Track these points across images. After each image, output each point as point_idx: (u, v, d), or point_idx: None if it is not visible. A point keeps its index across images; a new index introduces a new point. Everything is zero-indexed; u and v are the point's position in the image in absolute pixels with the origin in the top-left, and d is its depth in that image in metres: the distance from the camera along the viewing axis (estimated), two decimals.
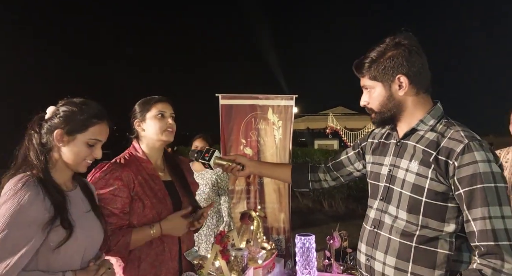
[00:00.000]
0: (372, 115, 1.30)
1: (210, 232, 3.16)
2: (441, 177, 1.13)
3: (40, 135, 1.17)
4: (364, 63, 1.25)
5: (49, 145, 1.17)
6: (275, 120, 3.76)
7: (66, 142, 1.18)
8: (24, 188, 1.06)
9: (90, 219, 1.23)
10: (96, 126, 1.21)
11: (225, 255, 1.63)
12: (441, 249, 1.15)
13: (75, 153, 1.19)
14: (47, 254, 1.10)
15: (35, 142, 1.16)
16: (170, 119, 1.63)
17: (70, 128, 1.18)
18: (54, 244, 1.10)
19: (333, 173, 1.62)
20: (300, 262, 1.79)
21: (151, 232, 1.50)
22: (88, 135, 1.20)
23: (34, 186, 1.08)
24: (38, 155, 1.15)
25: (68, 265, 1.14)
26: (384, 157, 1.33)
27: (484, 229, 1.04)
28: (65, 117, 1.18)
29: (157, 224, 1.51)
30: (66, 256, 1.13)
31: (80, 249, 1.16)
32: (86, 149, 1.20)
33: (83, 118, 1.19)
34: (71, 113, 1.19)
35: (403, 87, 1.21)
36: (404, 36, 1.21)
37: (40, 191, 1.09)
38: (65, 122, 1.18)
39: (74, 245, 1.13)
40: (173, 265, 1.58)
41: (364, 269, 1.30)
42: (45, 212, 1.08)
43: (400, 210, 1.21)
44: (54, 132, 1.17)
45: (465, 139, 1.11)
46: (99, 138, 1.22)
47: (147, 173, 1.58)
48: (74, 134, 1.18)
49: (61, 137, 1.17)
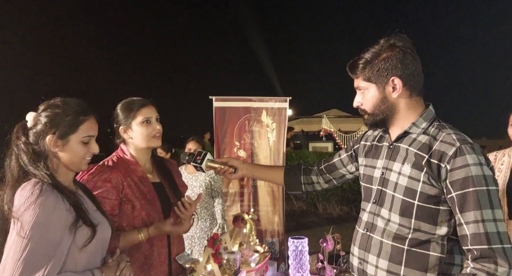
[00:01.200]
0: (364, 117, 1.30)
1: (204, 235, 3.14)
2: (433, 180, 1.13)
3: (29, 145, 1.14)
4: (359, 64, 1.24)
5: (45, 153, 1.14)
6: (269, 122, 3.76)
7: (61, 146, 1.16)
8: (43, 193, 1.05)
9: (99, 216, 1.24)
10: (85, 123, 1.19)
11: (218, 258, 1.62)
12: (433, 252, 1.14)
13: (74, 155, 1.17)
14: (74, 254, 1.11)
15: (27, 151, 1.13)
16: (157, 125, 1.61)
17: (60, 132, 1.15)
18: (81, 243, 1.11)
19: (325, 175, 1.61)
20: (293, 265, 1.78)
21: (138, 237, 1.48)
22: (80, 134, 1.18)
23: (51, 190, 1.07)
24: (35, 164, 1.12)
25: (91, 262, 1.16)
26: (376, 160, 1.32)
27: (477, 232, 1.04)
28: (51, 121, 1.15)
29: (145, 229, 1.50)
30: (90, 254, 1.14)
31: (99, 245, 1.18)
32: (82, 147, 1.19)
33: (70, 118, 1.16)
34: (56, 116, 1.16)
35: (397, 89, 1.21)
36: (399, 38, 1.21)
37: (58, 194, 1.08)
38: (53, 126, 1.15)
39: (96, 243, 1.15)
40: (162, 269, 1.57)
41: (357, 272, 1.30)
42: (68, 213, 1.08)
43: (393, 213, 1.20)
44: (46, 139, 1.14)
45: (457, 142, 1.11)
46: (91, 134, 1.21)
47: (136, 175, 1.57)
48: (66, 137, 1.16)
49: (54, 142, 1.14)
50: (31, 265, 0.99)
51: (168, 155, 3.94)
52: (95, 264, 1.17)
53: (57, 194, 1.08)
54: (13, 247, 1.01)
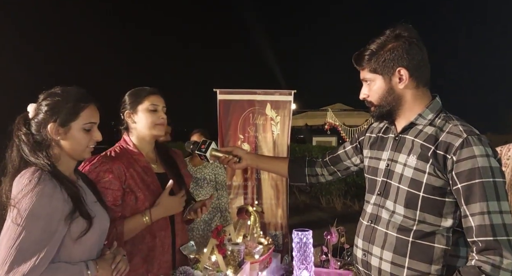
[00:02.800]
0: (371, 109, 1.29)
1: (207, 227, 3.16)
2: (439, 171, 1.12)
3: (31, 135, 1.14)
4: (364, 55, 1.23)
5: (47, 141, 1.14)
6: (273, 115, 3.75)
7: (63, 134, 1.16)
8: (40, 181, 1.05)
9: (98, 208, 1.24)
10: (86, 110, 1.19)
11: (222, 249, 1.62)
12: (438, 244, 1.14)
13: (76, 142, 1.17)
14: (69, 245, 1.11)
15: (28, 142, 1.13)
16: (162, 113, 1.61)
17: (61, 119, 1.15)
18: (76, 235, 1.11)
19: (330, 167, 1.61)
20: (297, 257, 1.78)
21: (143, 220, 1.48)
22: (82, 121, 1.17)
23: (49, 179, 1.07)
24: (36, 154, 1.12)
25: (87, 254, 1.16)
26: (382, 152, 1.32)
27: (483, 224, 1.03)
28: (52, 109, 1.15)
29: (147, 211, 1.49)
30: (86, 246, 1.14)
31: (96, 237, 1.18)
32: (84, 135, 1.18)
33: (70, 105, 1.16)
34: (56, 103, 1.16)
35: (403, 80, 1.20)
36: (404, 28, 1.20)
37: (56, 183, 1.08)
38: (53, 114, 1.15)
39: (93, 235, 1.15)
40: (166, 259, 1.57)
41: (361, 264, 1.30)
42: (65, 203, 1.08)
43: (398, 205, 1.20)
44: (47, 127, 1.14)
45: (463, 134, 1.10)
46: (93, 121, 1.20)
47: (139, 166, 1.57)
48: (68, 124, 1.16)
49: (56, 130, 1.14)
50: (23, 253, 1.00)
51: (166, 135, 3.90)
52: (90, 256, 1.17)
53: (56, 183, 1.08)
54: (8, 234, 1.02)
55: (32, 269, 1.00)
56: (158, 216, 1.52)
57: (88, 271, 1.12)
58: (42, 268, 1.02)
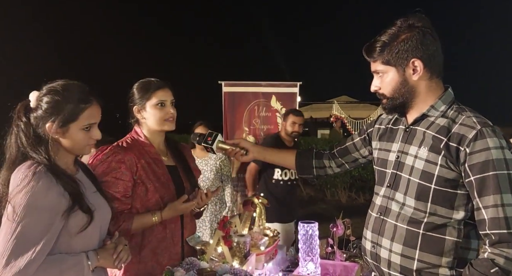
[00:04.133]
0: (383, 101, 1.26)
1: (214, 218, 3.17)
2: (451, 163, 1.10)
3: (30, 126, 1.12)
4: (376, 47, 1.20)
5: (46, 137, 1.12)
6: (279, 107, 3.73)
7: (62, 133, 1.14)
8: (36, 176, 1.04)
9: (99, 199, 1.23)
10: (86, 111, 1.15)
11: (228, 241, 1.62)
12: (449, 236, 1.13)
13: (75, 142, 1.16)
14: (68, 238, 1.11)
15: (27, 133, 1.12)
16: (171, 108, 1.58)
17: (60, 120, 1.12)
18: (76, 229, 1.11)
19: (338, 159, 1.59)
20: (303, 249, 1.78)
21: (152, 219, 1.48)
22: (81, 122, 1.15)
23: (45, 173, 1.07)
24: (35, 147, 1.11)
25: (88, 245, 1.16)
26: (391, 143, 1.30)
27: (496, 217, 1.02)
28: (51, 109, 1.12)
29: (158, 212, 1.50)
30: (86, 238, 1.15)
31: (97, 229, 1.18)
32: (83, 135, 1.16)
33: (70, 106, 1.13)
34: (55, 104, 1.12)
35: (418, 71, 1.17)
36: (417, 17, 1.17)
37: (53, 178, 1.07)
38: (52, 114, 1.12)
39: (93, 227, 1.15)
40: (175, 251, 1.57)
41: (370, 256, 1.29)
42: (62, 198, 1.07)
43: (408, 197, 1.18)
44: (46, 126, 1.12)
45: (477, 125, 1.08)
46: (92, 122, 1.18)
47: (150, 157, 1.56)
48: (66, 125, 1.13)
49: (54, 130, 1.12)
50: (19, 247, 1.01)
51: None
52: (91, 247, 1.17)
53: (52, 178, 1.07)
54: (4, 228, 1.03)
55: (29, 262, 1.01)
56: (168, 218, 1.53)
57: (89, 261, 1.12)
58: (39, 262, 1.03)
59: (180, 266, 1.39)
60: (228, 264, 1.47)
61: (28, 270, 1.01)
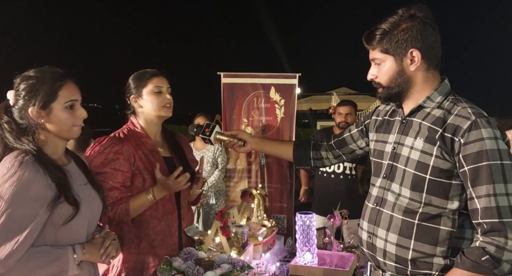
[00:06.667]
0: (379, 90, 1.26)
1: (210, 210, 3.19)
2: (446, 154, 1.11)
3: (14, 122, 1.12)
4: (376, 34, 1.19)
5: (32, 127, 1.12)
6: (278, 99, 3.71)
7: (46, 116, 1.13)
8: (22, 166, 1.04)
9: (89, 191, 1.23)
10: (64, 88, 1.15)
11: (226, 231, 1.64)
12: (444, 226, 1.14)
13: (61, 122, 1.15)
14: (53, 230, 1.11)
15: (11, 130, 1.11)
16: (167, 94, 1.59)
17: (40, 102, 1.11)
18: (61, 221, 1.10)
19: (335, 151, 1.59)
20: (300, 239, 1.80)
21: (147, 197, 1.48)
22: (62, 100, 1.14)
23: (32, 163, 1.06)
24: (20, 140, 1.10)
25: (75, 238, 1.15)
26: (388, 135, 1.30)
27: (489, 206, 1.03)
28: (29, 93, 1.12)
29: (150, 189, 1.49)
30: (72, 230, 1.14)
31: (85, 222, 1.17)
32: (68, 114, 1.16)
33: (46, 86, 1.13)
34: (32, 86, 1.12)
35: (415, 61, 1.17)
36: (419, 8, 1.16)
37: (39, 168, 1.07)
38: (31, 98, 1.12)
39: (80, 219, 1.14)
40: (173, 242, 1.59)
41: (366, 246, 1.30)
42: (48, 188, 1.07)
43: (404, 188, 1.19)
44: (28, 111, 1.11)
45: (472, 116, 1.09)
46: (73, 98, 1.17)
47: (147, 148, 1.57)
48: (48, 106, 1.13)
49: (38, 113, 1.12)
50: (3, 237, 1.01)
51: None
52: (79, 240, 1.16)
53: (39, 168, 1.07)
54: None
55: (10, 253, 1.00)
56: (162, 194, 1.51)
57: (75, 254, 1.11)
58: (20, 253, 1.02)
59: (178, 256, 1.40)
60: (226, 254, 1.49)
61: (9, 260, 1.00)
